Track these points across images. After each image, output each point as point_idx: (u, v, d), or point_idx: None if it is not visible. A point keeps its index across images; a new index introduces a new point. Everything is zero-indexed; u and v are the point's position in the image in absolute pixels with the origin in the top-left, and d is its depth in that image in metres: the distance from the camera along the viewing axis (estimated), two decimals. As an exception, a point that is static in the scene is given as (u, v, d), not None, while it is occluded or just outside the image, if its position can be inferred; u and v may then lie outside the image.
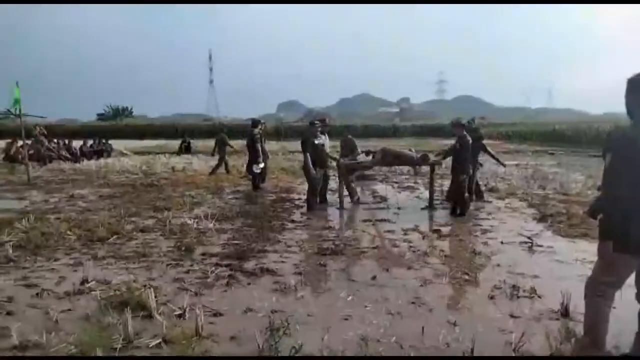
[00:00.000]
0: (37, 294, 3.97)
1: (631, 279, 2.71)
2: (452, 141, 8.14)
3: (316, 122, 8.31)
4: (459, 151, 7.39)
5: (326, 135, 8.49)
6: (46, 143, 17.38)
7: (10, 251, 5.06)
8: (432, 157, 8.73)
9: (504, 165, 10.06)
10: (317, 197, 7.94)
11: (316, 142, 7.84)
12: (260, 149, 10.24)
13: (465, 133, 7.43)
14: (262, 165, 10.15)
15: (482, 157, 8.91)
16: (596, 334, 2.65)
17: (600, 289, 2.63)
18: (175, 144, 25.27)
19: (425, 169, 9.90)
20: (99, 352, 2.88)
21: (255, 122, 10.88)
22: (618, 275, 2.62)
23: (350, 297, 3.88)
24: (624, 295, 2.88)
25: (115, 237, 5.87)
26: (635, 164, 2.41)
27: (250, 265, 4.74)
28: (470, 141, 7.37)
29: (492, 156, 9.16)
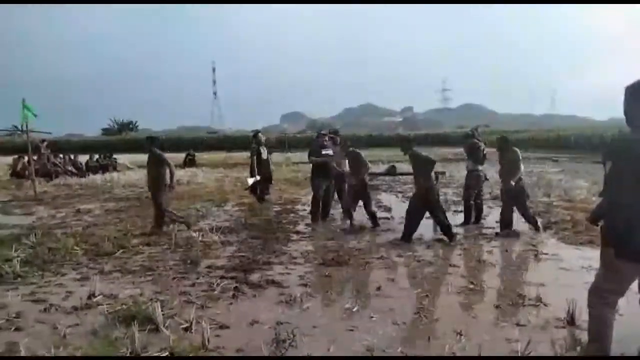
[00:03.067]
0: (44, 309, 4.00)
1: (635, 285, 2.71)
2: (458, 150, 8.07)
3: (322, 132, 8.32)
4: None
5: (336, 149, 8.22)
6: (52, 158, 17.52)
7: (18, 267, 5.10)
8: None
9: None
10: (319, 209, 7.84)
11: (323, 152, 7.79)
12: (253, 161, 10.03)
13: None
14: (253, 178, 9.96)
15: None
16: (601, 341, 2.65)
17: (603, 296, 2.64)
18: (180, 157, 25.42)
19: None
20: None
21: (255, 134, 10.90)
22: (621, 282, 2.63)
23: (355, 308, 3.89)
24: (630, 301, 2.88)
25: (121, 251, 5.91)
26: (636, 171, 2.42)
27: (255, 277, 4.76)
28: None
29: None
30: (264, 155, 10.36)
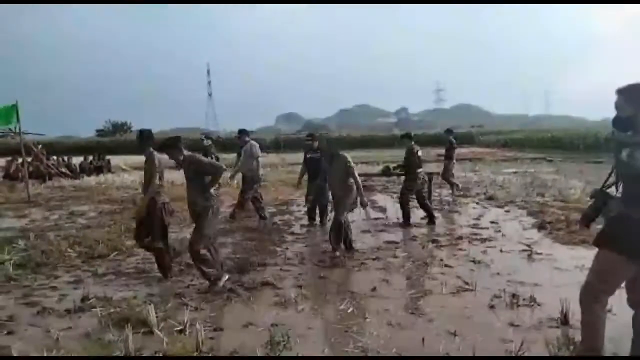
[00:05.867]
0: (37, 312, 3.98)
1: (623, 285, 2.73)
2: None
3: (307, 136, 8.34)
4: None
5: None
6: (45, 160, 17.42)
7: (11, 270, 5.07)
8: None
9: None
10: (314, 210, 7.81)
11: (308, 155, 7.80)
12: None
13: None
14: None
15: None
16: (594, 340, 2.66)
17: (596, 295, 2.65)
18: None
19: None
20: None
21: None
22: (614, 282, 2.64)
23: (350, 309, 3.89)
24: (623, 301, 2.89)
25: (115, 253, 5.88)
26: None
27: (250, 279, 4.75)
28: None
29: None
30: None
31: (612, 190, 2.66)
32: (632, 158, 2.37)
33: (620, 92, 2.56)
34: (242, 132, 8.45)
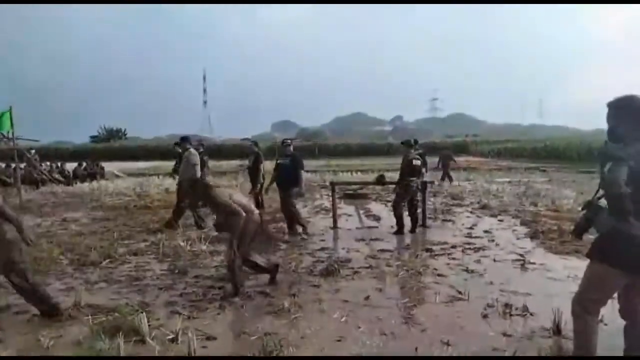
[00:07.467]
0: (27, 320, 3.93)
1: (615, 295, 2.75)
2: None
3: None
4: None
5: (292, 158, 7.71)
6: (38, 166, 17.34)
7: (1, 277, 5.01)
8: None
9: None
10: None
11: (279, 161, 7.86)
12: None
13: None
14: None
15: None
16: (586, 350, 2.68)
17: (588, 305, 2.67)
18: (169, 165, 25.25)
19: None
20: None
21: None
22: (606, 293, 2.66)
23: (343, 318, 3.88)
24: (615, 311, 2.91)
25: (107, 261, 5.84)
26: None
27: (243, 287, 4.72)
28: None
29: None
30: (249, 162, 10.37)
31: (603, 201, 2.67)
32: (611, 172, 2.39)
33: (609, 105, 2.62)
34: (184, 140, 8.66)
